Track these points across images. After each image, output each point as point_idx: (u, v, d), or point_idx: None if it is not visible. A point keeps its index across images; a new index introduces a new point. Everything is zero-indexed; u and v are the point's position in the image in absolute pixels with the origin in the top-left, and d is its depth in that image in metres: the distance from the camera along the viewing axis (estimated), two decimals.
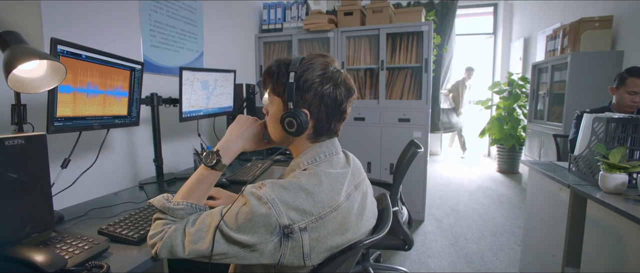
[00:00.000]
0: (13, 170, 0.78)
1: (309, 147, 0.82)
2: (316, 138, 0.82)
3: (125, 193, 1.37)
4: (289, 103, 0.77)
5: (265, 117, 0.90)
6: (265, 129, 0.89)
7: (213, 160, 0.82)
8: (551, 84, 3.22)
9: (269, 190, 0.71)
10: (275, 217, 0.69)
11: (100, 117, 1.15)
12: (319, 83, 0.77)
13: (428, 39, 2.76)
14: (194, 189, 0.83)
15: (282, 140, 0.85)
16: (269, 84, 0.83)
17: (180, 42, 2.08)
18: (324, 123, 0.80)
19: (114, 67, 1.17)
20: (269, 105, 0.86)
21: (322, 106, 0.78)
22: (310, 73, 0.77)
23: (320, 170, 0.77)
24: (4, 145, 0.76)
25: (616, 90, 1.91)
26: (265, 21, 3.20)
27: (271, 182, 0.74)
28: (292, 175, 0.78)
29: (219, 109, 1.88)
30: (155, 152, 1.51)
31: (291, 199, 0.71)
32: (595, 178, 1.51)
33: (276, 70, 0.80)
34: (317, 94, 0.77)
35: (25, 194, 0.81)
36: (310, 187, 0.73)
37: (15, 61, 0.80)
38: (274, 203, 0.69)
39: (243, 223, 0.70)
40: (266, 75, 0.83)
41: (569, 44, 3.05)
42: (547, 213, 1.81)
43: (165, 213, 0.79)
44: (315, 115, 0.79)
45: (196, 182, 0.83)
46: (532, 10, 4.47)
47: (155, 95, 1.47)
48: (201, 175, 0.83)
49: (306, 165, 0.80)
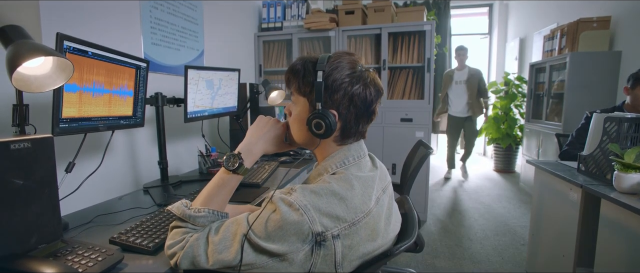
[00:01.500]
0: (18, 176, 0.72)
1: (336, 150, 0.78)
2: (343, 140, 0.78)
3: (129, 197, 1.31)
4: (318, 103, 0.73)
5: (286, 118, 0.86)
6: (287, 130, 0.85)
7: (235, 164, 0.77)
8: (549, 84, 3.25)
9: (300, 196, 0.67)
10: (308, 224, 0.65)
11: (106, 118, 1.08)
12: (349, 83, 0.73)
13: (430, 38, 2.74)
14: (215, 195, 0.78)
15: (307, 142, 0.81)
16: (293, 83, 0.78)
17: (180, 40, 2.02)
18: (352, 125, 0.76)
19: (120, 65, 1.11)
20: (292, 105, 0.82)
21: (351, 107, 0.74)
22: (338, 72, 0.73)
23: (350, 174, 0.74)
24: (9, 149, 0.70)
25: (631, 90, 1.91)
26: (265, 20, 3.14)
27: (301, 187, 0.70)
28: (321, 179, 0.74)
29: (223, 109, 1.82)
30: (160, 154, 1.45)
31: (324, 205, 0.67)
32: (607, 178, 1.50)
33: (302, 69, 0.76)
34: (346, 94, 0.73)
35: (32, 202, 0.75)
36: (342, 192, 0.69)
37: (20, 58, 0.74)
38: (307, 210, 0.65)
39: (273, 231, 0.66)
40: (290, 74, 0.79)
41: (567, 44, 3.08)
42: (555, 214, 1.80)
43: (185, 221, 0.74)
44: (343, 117, 0.75)
45: (217, 187, 0.78)
46: (527, 11, 4.51)
47: (160, 94, 1.41)
48: (222, 179, 0.78)
49: (335, 168, 0.76)
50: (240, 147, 0.81)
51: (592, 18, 2.94)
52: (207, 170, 1.66)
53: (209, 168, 1.66)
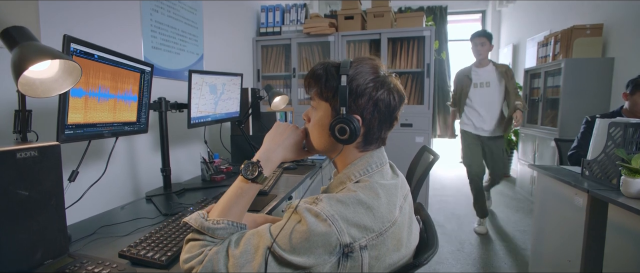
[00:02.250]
0: (24, 187, 0.67)
1: (358, 157, 0.76)
2: (365, 147, 0.76)
3: (132, 207, 1.25)
4: (342, 108, 0.71)
5: (305, 124, 0.83)
6: (306, 136, 0.82)
7: (255, 172, 0.74)
8: (544, 89, 3.30)
9: (327, 206, 0.64)
10: (336, 235, 0.62)
11: (111, 124, 1.04)
12: (373, 87, 0.71)
13: (430, 44, 2.76)
14: (233, 205, 0.74)
15: (328, 148, 0.78)
16: (314, 88, 0.76)
17: (181, 44, 1.97)
18: (375, 130, 0.74)
19: (125, 69, 1.07)
20: (312, 111, 0.79)
21: (375, 112, 0.72)
22: (362, 76, 0.71)
23: (374, 183, 0.71)
24: (15, 158, 0.65)
25: (630, 96, 1.95)
26: (263, 24, 3.11)
27: (327, 197, 0.67)
28: (345, 188, 0.72)
29: (226, 114, 1.78)
30: (163, 161, 1.40)
31: (351, 215, 0.64)
32: (612, 183, 1.51)
33: (324, 73, 0.74)
34: (371, 99, 0.71)
35: (37, 214, 0.70)
36: (369, 201, 0.67)
37: (27, 61, 0.69)
38: (334, 220, 0.63)
39: (299, 243, 0.62)
40: (311, 78, 0.76)
41: (561, 50, 3.14)
42: (559, 218, 1.81)
43: (203, 233, 0.70)
44: (367, 122, 0.73)
45: (235, 197, 0.75)
46: (520, 18, 4.60)
47: (163, 99, 1.36)
48: (240, 189, 0.75)
49: (358, 176, 0.73)
50: (258, 155, 0.78)
51: (585, 25, 3.01)
52: (210, 177, 1.62)
53: (211, 175, 1.62)
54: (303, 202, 0.67)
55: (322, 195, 0.68)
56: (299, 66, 3.17)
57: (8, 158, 0.64)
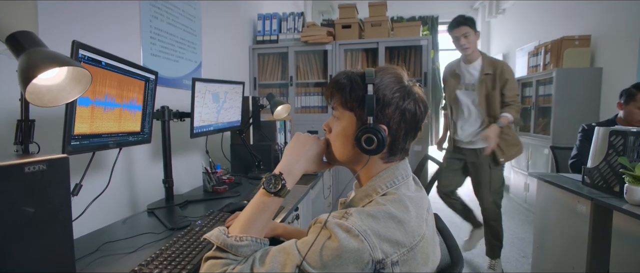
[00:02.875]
0: (31, 203, 0.62)
1: (384, 169, 0.73)
2: (389, 158, 0.74)
3: (133, 221, 1.19)
4: (369, 118, 0.69)
5: (325, 134, 0.81)
6: (327, 147, 0.80)
7: (278, 185, 0.71)
8: (536, 98, 3.37)
9: (358, 220, 0.61)
10: (369, 251, 0.59)
11: (116, 134, 0.99)
12: (400, 97, 0.70)
13: (427, 53, 2.79)
14: (255, 220, 0.71)
15: (351, 159, 0.76)
16: (337, 97, 0.74)
17: (179, 52, 1.93)
18: (400, 141, 0.72)
19: (131, 77, 1.02)
20: (334, 121, 0.77)
21: (402, 122, 0.70)
22: (388, 86, 0.70)
23: (403, 195, 0.69)
24: (23, 172, 0.60)
25: (625, 105, 2.00)
26: (260, 32, 3.09)
27: (357, 211, 0.64)
28: (372, 201, 0.69)
29: (228, 123, 1.74)
30: (165, 172, 1.34)
31: (383, 230, 0.62)
32: (614, 191, 1.54)
33: (348, 82, 0.72)
34: (397, 109, 0.70)
35: (44, 233, 0.65)
36: (399, 214, 0.65)
37: (36, 69, 0.65)
38: (367, 236, 0.60)
39: (330, 260, 0.59)
40: (334, 88, 0.74)
41: (552, 60, 3.23)
42: (562, 227, 1.82)
43: (225, 251, 0.66)
44: (393, 132, 0.71)
45: (257, 212, 0.71)
46: (508, 28, 4.73)
47: (166, 108, 1.32)
48: (263, 203, 0.71)
49: (385, 189, 0.71)
50: (280, 167, 0.75)
51: (574, 36, 3.10)
52: (212, 188, 1.56)
53: (214, 186, 1.57)
54: (332, 217, 0.65)
55: (352, 209, 0.66)
56: (296, 75, 3.15)
57: (16, 173, 0.59)
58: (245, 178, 1.87)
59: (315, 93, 3.24)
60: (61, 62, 0.67)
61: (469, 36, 2.12)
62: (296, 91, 3.16)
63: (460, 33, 2.11)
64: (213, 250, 0.67)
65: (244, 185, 1.76)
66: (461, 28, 2.11)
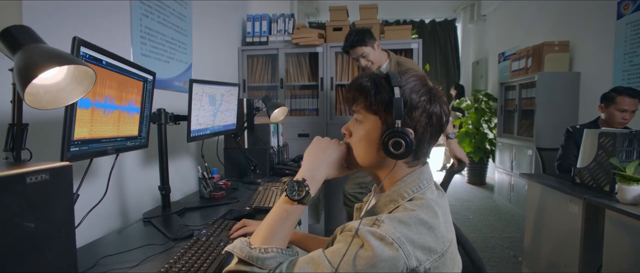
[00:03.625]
0: (32, 217, 0.55)
1: (408, 173, 0.71)
2: (414, 162, 0.72)
3: (130, 231, 1.12)
4: (397, 121, 0.67)
5: (345, 138, 0.78)
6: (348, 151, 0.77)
7: (302, 192, 0.67)
8: (519, 101, 3.49)
9: (391, 228, 0.59)
10: (404, 260, 0.57)
11: (114, 139, 0.92)
12: (427, 100, 0.68)
13: (418, 56, 2.82)
14: (278, 229, 0.67)
15: (374, 164, 0.73)
16: (360, 101, 0.71)
17: (170, 52, 1.85)
18: (425, 145, 0.71)
19: (130, 77, 0.95)
20: (355, 124, 0.74)
21: (428, 126, 0.69)
22: (415, 89, 0.68)
23: (430, 200, 0.68)
24: (25, 183, 0.53)
25: (606, 108, 2.09)
26: (249, 33, 3.03)
27: (388, 217, 0.62)
28: (399, 206, 0.67)
29: (224, 126, 1.67)
30: (162, 179, 1.27)
31: (416, 236, 0.60)
32: (605, 190, 1.60)
33: (373, 85, 0.70)
34: (425, 112, 0.68)
35: (46, 249, 0.58)
36: (430, 220, 0.63)
37: (36, 68, 0.58)
38: (401, 243, 0.58)
39: (364, 269, 0.57)
40: (356, 91, 0.71)
41: (533, 64, 3.35)
42: (554, 226, 1.88)
43: (250, 264, 0.61)
44: (419, 136, 0.69)
45: (280, 221, 0.67)
46: (488, 34, 4.88)
47: (163, 111, 1.25)
48: (286, 211, 0.68)
49: (411, 194, 0.69)
50: (303, 173, 0.71)
51: (554, 42, 3.24)
52: (209, 194, 1.50)
53: (211, 192, 1.50)
54: (364, 225, 0.62)
55: (382, 215, 0.63)
56: (286, 77, 3.11)
57: (17, 184, 0.52)
58: (241, 183, 1.81)
59: (305, 95, 3.21)
60: (65, 60, 0.61)
61: (367, 55, 1.90)
62: (286, 94, 3.11)
63: (357, 55, 1.90)
64: (236, 264, 0.62)
65: (240, 190, 1.69)
66: (357, 49, 1.88)
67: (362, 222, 0.63)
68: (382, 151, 0.67)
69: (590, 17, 3.05)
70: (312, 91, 3.18)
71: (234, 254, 0.62)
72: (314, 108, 3.20)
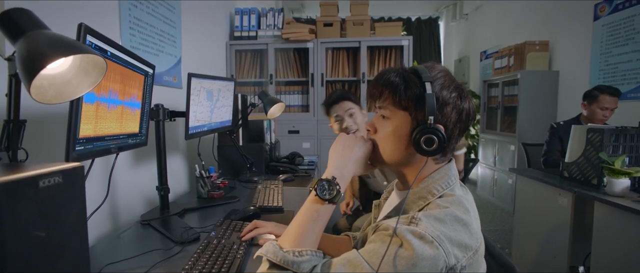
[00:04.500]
0: (43, 225, 0.49)
1: (436, 170, 0.70)
2: (441, 158, 0.71)
3: (130, 235, 1.04)
4: (430, 118, 0.65)
5: (368, 134, 0.76)
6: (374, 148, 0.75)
7: (333, 191, 0.65)
8: (502, 98, 3.61)
9: (429, 226, 0.58)
10: (444, 258, 0.56)
11: (117, 136, 0.85)
12: (457, 96, 0.67)
13: (408, 53, 2.84)
14: (310, 231, 0.64)
15: (402, 160, 0.71)
16: (387, 96, 0.69)
17: (159, 45, 1.75)
18: (453, 141, 0.70)
19: (132, 70, 0.88)
20: (380, 121, 0.72)
21: (458, 122, 0.68)
22: (445, 86, 0.67)
23: (461, 197, 0.67)
24: (37, 187, 0.47)
25: (588, 106, 2.18)
26: (237, 28, 2.94)
27: (425, 215, 0.61)
28: (431, 203, 0.66)
29: (220, 123, 1.61)
30: (160, 178, 1.19)
31: (453, 234, 0.59)
32: (592, 183, 1.67)
33: (401, 80, 0.67)
34: (455, 108, 0.67)
35: (57, 259, 0.52)
36: (464, 217, 0.62)
37: (45, 57, 0.52)
38: (441, 241, 0.57)
39: (405, 269, 0.55)
40: (384, 86, 0.69)
41: (515, 63, 3.47)
42: (543, 218, 1.95)
43: (285, 268, 0.58)
44: (449, 132, 0.68)
45: (311, 222, 0.64)
46: (471, 33, 5.01)
47: (161, 107, 1.17)
48: (316, 212, 0.65)
49: (441, 190, 0.68)
50: (331, 172, 0.68)
51: (535, 41, 3.36)
52: (207, 193, 1.43)
53: (209, 191, 1.44)
54: (402, 224, 0.60)
55: (418, 214, 0.62)
56: (276, 72, 3.05)
57: (29, 189, 0.46)
58: (237, 181, 1.75)
59: (295, 91, 3.16)
60: (75, 49, 0.55)
61: (354, 114, 1.53)
62: (276, 89, 3.05)
63: (343, 110, 1.52)
64: (268, 268, 0.59)
65: (238, 189, 1.64)
66: (344, 103, 1.53)
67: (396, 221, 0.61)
68: (411, 147, 0.66)
69: (568, 18, 3.18)
70: (302, 87, 3.14)
71: (267, 258, 0.59)
72: (304, 104, 3.16)
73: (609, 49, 2.79)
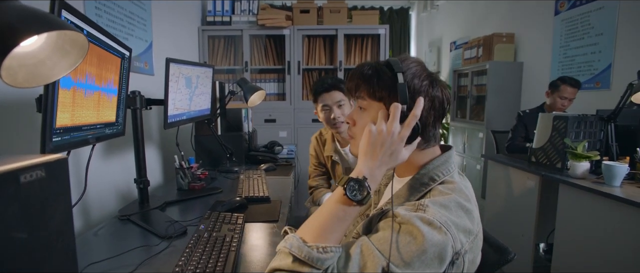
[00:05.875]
0: (25, 226, 0.43)
1: (436, 156, 0.71)
2: (425, 144, 0.71)
3: (108, 231, 0.97)
4: (403, 106, 0.65)
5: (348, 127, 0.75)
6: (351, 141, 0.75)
7: (364, 192, 0.60)
8: (471, 87, 3.76)
9: (437, 212, 0.59)
10: (451, 243, 0.58)
11: (94, 126, 0.77)
12: (428, 84, 0.67)
13: (385, 42, 2.86)
14: (334, 230, 0.60)
15: None
16: (363, 88, 0.69)
17: (128, 28, 1.63)
18: (430, 127, 0.70)
19: (109, 52, 0.80)
20: (358, 113, 0.72)
21: (431, 110, 0.68)
22: (416, 75, 0.67)
23: (460, 184, 0.70)
24: (18, 183, 0.41)
25: (551, 94, 2.33)
26: (210, 12, 2.80)
27: (431, 202, 0.62)
28: (433, 189, 0.67)
29: (199, 111, 1.53)
30: (138, 171, 1.12)
31: (458, 220, 0.61)
32: (557, 167, 1.80)
33: (375, 73, 0.68)
34: (427, 96, 0.67)
35: (42, 264, 0.46)
36: (466, 204, 0.65)
37: (16, 33, 0.45)
38: (449, 227, 0.58)
39: (415, 255, 0.56)
40: (359, 79, 0.69)
41: (484, 53, 3.62)
42: (512, 200, 2.07)
43: (307, 264, 0.55)
44: (423, 120, 0.67)
45: (337, 220, 0.61)
46: (441, 23, 5.16)
47: (138, 94, 1.09)
48: (344, 211, 0.61)
49: (442, 176, 0.69)
50: (362, 171, 0.64)
51: (502, 33, 3.51)
52: (188, 185, 1.37)
53: (190, 183, 1.37)
54: (406, 211, 0.60)
55: (425, 200, 0.62)
56: (251, 60, 2.95)
57: (9, 185, 0.40)
58: (217, 172, 1.68)
59: (271, 79, 3.09)
60: (54, 24, 0.48)
61: (344, 106, 1.47)
62: (251, 77, 2.96)
63: (332, 100, 1.45)
64: (292, 262, 0.56)
65: (219, 179, 1.58)
66: (334, 94, 1.44)
67: (403, 209, 0.61)
68: None
69: (532, 12, 3.36)
70: (278, 75, 3.07)
71: (290, 252, 0.56)
72: (281, 93, 3.10)
73: (568, 42, 2.98)
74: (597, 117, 1.77)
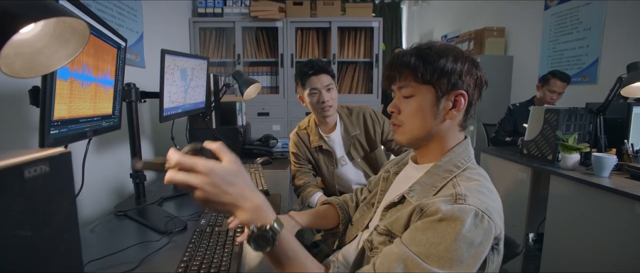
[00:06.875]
0: (30, 223, 0.41)
1: (457, 144, 0.73)
2: (464, 124, 0.74)
3: (104, 227, 0.94)
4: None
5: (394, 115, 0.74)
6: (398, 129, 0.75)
7: (269, 239, 0.54)
8: None
9: (477, 200, 0.59)
10: (494, 229, 0.58)
11: (92, 118, 0.74)
12: (470, 64, 0.71)
13: (379, 34, 2.86)
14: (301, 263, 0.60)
15: (431, 132, 0.71)
16: (407, 75, 0.70)
17: (119, 18, 1.57)
18: (471, 109, 0.73)
19: (106, 42, 0.77)
20: (403, 100, 0.72)
21: (475, 88, 0.72)
22: (459, 57, 0.70)
23: (481, 170, 0.71)
24: (22, 178, 0.39)
25: (541, 87, 2.37)
26: (202, 4, 2.73)
27: (467, 190, 0.61)
28: (462, 176, 0.67)
29: (194, 104, 1.50)
30: None
31: (494, 205, 0.62)
32: (548, 159, 1.84)
33: (419, 57, 0.69)
34: (472, 76, 0.71)
35: (47, 262, 0.44)
36: (493, 189, 0.67)
37: (16, 20, 0.42)
38: (490, 214, 0.58)
39: (465, 247, 0.55)
40: (402, 66, 0.70)
41: (475, 47, 3.65)
42: (505, 192, 2.11)
43: None
44: (470, 98, 0.71)
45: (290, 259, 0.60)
46: (432, 17, 5.18)
47: (133, 86, 1.05)
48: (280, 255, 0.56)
49: (464, 163, 0.70)
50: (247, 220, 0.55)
51: (492, 27, 3.55)
52: None
53: None
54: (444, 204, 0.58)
55: (461, 189, 0.62)
56: (244, 52, 2.90)
57: (14, 179, 0.38)
58: None
59: (264, 72, 3.05)
60: (54, 11, 0.46)
61: (332, 90, 1.44)
62: (244, 70, 2.92)
63: (321, 84, 1.40)
64: None
65: None
66: (323, 77, 1.41)
67: (441, 202, 0.59)
68: (437, 118, 0.69)
69: (522, 6, 3.40)
70: (271, 68, 3.04)
71: None
72: (274, 86, 3.07)
73: (557, 36, 3.04)
74: (587, 110, 1.81)
